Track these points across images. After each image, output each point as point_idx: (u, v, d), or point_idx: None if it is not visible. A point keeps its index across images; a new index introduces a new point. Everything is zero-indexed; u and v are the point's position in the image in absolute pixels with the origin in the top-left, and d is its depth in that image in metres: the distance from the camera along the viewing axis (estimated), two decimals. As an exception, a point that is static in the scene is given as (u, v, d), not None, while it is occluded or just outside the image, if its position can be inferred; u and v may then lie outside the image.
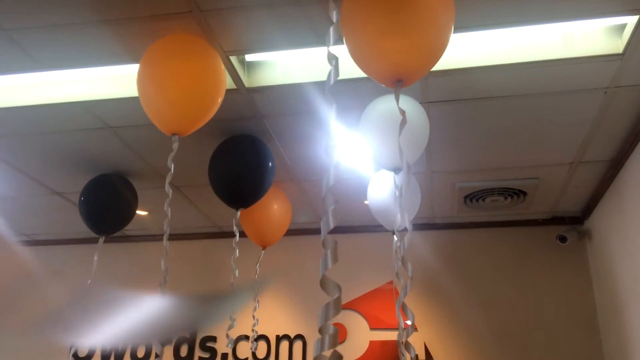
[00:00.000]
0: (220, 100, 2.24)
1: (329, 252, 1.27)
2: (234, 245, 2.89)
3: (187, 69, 2.11)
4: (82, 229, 3.50)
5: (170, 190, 2.13)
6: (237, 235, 2.90)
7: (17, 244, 0.86)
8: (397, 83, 1.73)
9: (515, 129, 2.89)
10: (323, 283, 1.26)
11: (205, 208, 4.07)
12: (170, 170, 2.12)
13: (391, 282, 4.10)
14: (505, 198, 3.67)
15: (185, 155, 3.24)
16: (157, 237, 4.62)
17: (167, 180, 2.10)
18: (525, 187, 3.53)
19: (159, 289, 2.19)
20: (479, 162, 3.28)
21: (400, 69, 1.72)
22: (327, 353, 1.21)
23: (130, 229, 4.13)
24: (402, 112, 1.72)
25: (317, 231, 4.36)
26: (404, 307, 1.68)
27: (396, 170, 2.37)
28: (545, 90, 2.56)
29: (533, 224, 4.10)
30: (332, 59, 1.48)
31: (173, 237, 4.57)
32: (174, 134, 2.11)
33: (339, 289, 1.26)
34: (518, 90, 2.57)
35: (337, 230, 4.40)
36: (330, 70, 1.49)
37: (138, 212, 4.10)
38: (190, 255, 4.55)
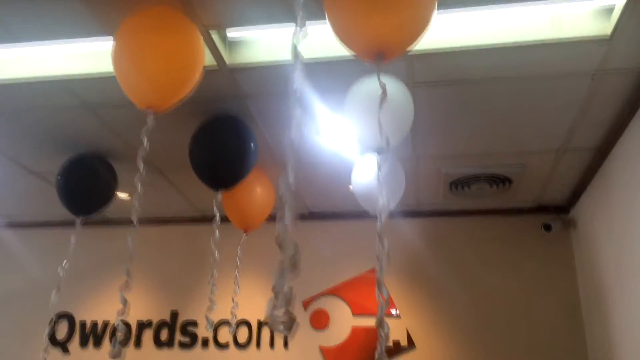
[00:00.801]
0: (198, 75, 2.18)
1: (287, 210, 1.20)
2: (214, 227, 2.83)
3: (162, 43, 2.03)
4: (62, 211, 3.43)
5: (143, 165, 2.06)
6: (218, 217, 2.84)
7: None
8: (378, 57, 1.68)
9: (502, 113, 2.85)
10: (280, 240, 1.20)
11: (188, 192, 4.01)
12: (143, 144, 2.05)
13: (374, 269, 4.06)
14: (491, 185, 3.64)
15: (166, 136, 3.18)
16: (140, 221, 4.56)
17: (140, 155, 2.03)
18: (511, 174, 3.50)
19: (126, 274, 2.10)
20: (465, 148, 3.24)
21: (382, 42, 1.66)
22: (280, 312, 1.17)
23: (111, 212, 4.06)
24: (383, 86, 1.66)
25: (301, 217, 4.36)
26: (379, 285, 1.63)
27: (380, 151, 2.33)
28: (532, 74, 2.52)
29: (518, 213, 4.08)
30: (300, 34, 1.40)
31: (155, 221, 4.55)
32: (148, 108, 2.04)
33: (297, 246, 1.21)
34: (505, 73, 2.52)
35: (321, 216, 4.39)
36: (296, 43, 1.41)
37: (119, 194, 4.03)
38: (173, 240, 4.50)
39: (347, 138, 3.13)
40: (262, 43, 2.48)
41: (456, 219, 4.17)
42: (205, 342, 4.13)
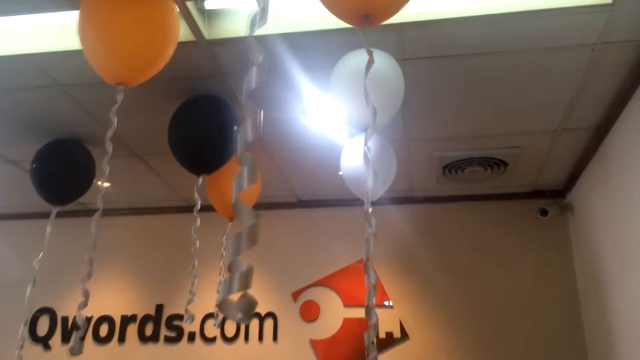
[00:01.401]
0: (171, 49, 2.02)
1: (245, 170, 1.05)
2: (194, 213, 2.68)
3: (131, 12, 1.88)
4: (41, 201, 3.27)
5: (111, 146, 1.91)
6: (199, 203, 2.69)
7: None
8: (364, 19, 1.53)
9: (496, 91, 2.72)
10: (236, 207, 1.05)
11: (171, 179, 3.85)
12: (113, 124, 1.90)
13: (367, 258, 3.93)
14: (486, 169, 3.51)
15: (145, 120, 3.03)
16: (122, 212, 4.41)
17: (108, 136, 1.88)
18: (506, 157, 3.37)
19: (87, 263, 1.95)
20: (458, 129, 3.11)
21: (368, 3, 1.52)
22: (236, 296, 1.00)
23: (92, 202, 3.90)
24: (370, 52, 1.52)
25: (290, 205, 4.22)
26: (366, 268, 1.49)
27: (368, 124, 2.19)
28: (527, 47, 2.38)
29: (514, 198, 3.96)
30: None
31: (138, 211, 4.39)
32: (118, 84, 1.89)
33: (257, 216, 1.05)
34: (499, 46, 2.38)
35: (310, 204, 4.24)
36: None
37: (99, 183, 3.87)
38: (157, 230, 4.34)
39: (335, 119, 2.99)
40: (242, 14, 2.33)
41: (450, 205, 4.04)
42: (191, 337, 3.99)
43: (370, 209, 1.52)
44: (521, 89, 2.69)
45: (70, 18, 2.30)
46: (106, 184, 3.89)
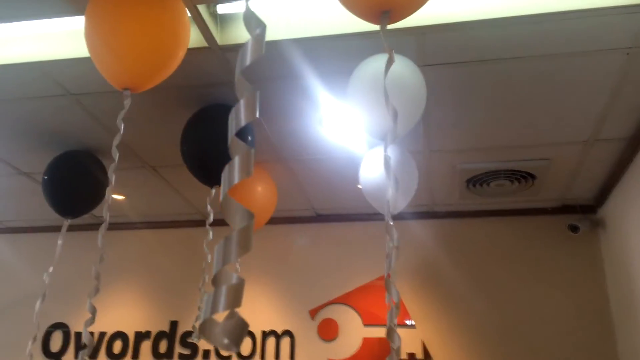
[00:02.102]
0: (181, 53, 1.94)
1: (236, 161, 0.92)
2: (207, 226, 2.58)
3: (138, 15, 1.80)
4: (54, 215, 3.20)
5: (117, 154, 1.82)
6: (212, 215, 2.58)
7: None
8: (383, 15, 1.42)
9: (523, 99, 2.57)
10: (225, 206, 0.91)
11: (186, 192, 3.77)
12: (119, 131, 1.81)
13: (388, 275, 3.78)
14: (512, 182, 3.35)
15: (158, 130, 2.96)
16: (137, 225, 4.34)
17: (115, 143, 1.79)
18: (534, 170, 3.21)
19: (94, 277, 1.85)
20: (483, 140, 2.97)
21: (387, -3, 1.41)
22: (222, 316, 0.84)
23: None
24: (390, 50, 1.41)
25: (308, 219, 4.10)
26: (388, 286, 1.35)
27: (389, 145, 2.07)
28: (557, 51, 2.24)
29: (542, 213, 3.78)
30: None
31: (153, 224, 4.31)
32: (125, 89, 1.81)
33: (250, 217, 0.90)
34: (526, 51, 2.25)
35: (329, 218, 4.10)
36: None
37: (114, 196, 3.81)
38: (172, 244, 4.25)
39: (354, 128, 2.87)
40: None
41: (474, 221, 3.88)
42: (206, 354, 3.87)
43: (392, 222, 1.39)
44: (550, 97, 2.55)
45: (79, 24, 2.23)
46: (120, 197, 3.83)
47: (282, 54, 2.30)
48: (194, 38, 2.20)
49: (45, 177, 2.98)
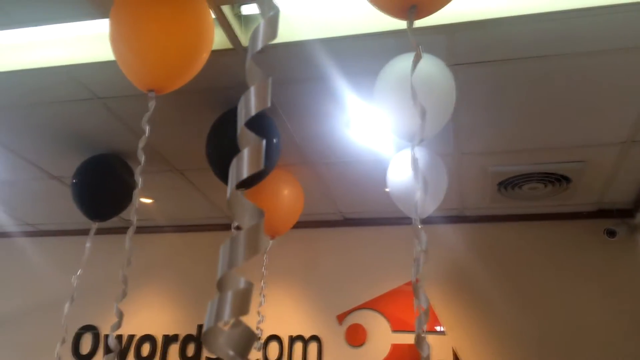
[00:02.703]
0: (205, 55, 1.92)
1: (245, 153, 0.84)
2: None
3: (163, 16, 1.79)
4: (84, 218, 3.23)
5: (144, 156, 1.81)
6: (237, 219, 2.56)
7: None
8: (410, 10, 1.37)
9: (558, 99, 2.48)
10: (231, 202, 0.82)
11: (214, 196, 3.77)
12: (145, 133, 1.80)
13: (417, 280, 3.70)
14: (546, 185, 3.24)
15: (184, 134, 2.95)
16: (165, 229, 4.36)
17: (140, 145, 1.78)
18: (569, 172, 3.10)
19: (122, 281, 1.84)
20: (516, 142, 2.87)
21: (414, -9, 1.36)
22: (227, 325, 0.76)
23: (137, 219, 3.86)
24: (417, 46, 1.36)
25: (335, 223, 4.05)
26: (416, 291, 1.29)
27: (417, 144, 2.01)
28: (594, 48, 2.15)
29: (577, 217, 3.65)
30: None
31: (181, 228, 4.32)
32: (150, 90, 1.79)
33: (260, 215, 0.81)
34: (562, 48, 2.16)
35: (356, 222, 4.04)
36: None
37: (142, 199, 3.83)
38: (200, 248, 4.25)
39: (381, 131, 2.82)
40: (281, 19, 2.20)
41: (506, 225, 3.77)
42: (233, 359, 3.84)
43: (420, 224, 1.33)
44: (586, 96, 2.45)
45: (104, 27, 2.24)
46: (148, 201, 3.84)
47: (307, 55, 2.26)
48: (219, 39, 2.19)
49: (74, 181, 3.01)
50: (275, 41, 2.25)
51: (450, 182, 2.93)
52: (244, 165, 0.78)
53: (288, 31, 2.20)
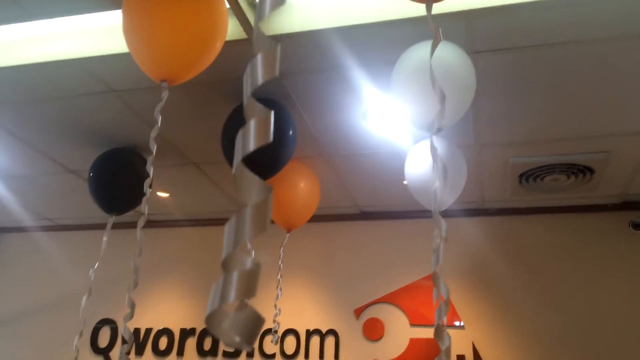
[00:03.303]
0: (219, 44, 1.89)
1: (252, 125, 0.79)
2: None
3: (175, 5, 1.76)
4: (101, 212, 3.23)
5: (155, 146, 1.78)
6: (253, 211, 2.54)
7: None
8: (429, -8, 1.32)
9: (582, 87, 2.40)
10: (236, 175, 0.77)
11: (229, 189, 3.74)
12: (157, 123, 1.78)
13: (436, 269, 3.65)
14: (569, 177, 3.16)
15: (199, 126, 2.93)
16: (181, 223, 4.36)
17: (152, 135, 1.76)
18: (593, 163, 3.01)
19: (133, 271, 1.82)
20: (537, 132, 2.80)
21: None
22: (232, 308, 0.71)
23: (151, 213, 3.87)
24: (436, 28, 1.31)
25: (352, 217, 4.01)
26: (436, 280, 1.25)
27: (436, 130, 1.96)
28: (619, 33, 2.07)
29: (601, 210, 3.56)
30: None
31: (198, 222, 4.31)
32: (162, 81, 1.77)
33: (268, 190, 0.75)
34: (587, 34, 2.09)
35: (373, 215, 3.98)
36: None
37: (158, 193, 3.83)
38: (217, 242, 4.19)
39: (399, 122, 2.77)
40: (295, 6, 2.17)
41: (527, 218, 3.69)
42: (250, 353, 3.83)
43: (439, 210, 1.29)
44: (611, 84, 2.37)
45: (118, 19, 2.22)
46: (164, 195, 3.84)
47: (323, 45, 2.22)
48: (233, 30, 2.15)
49: (91, 174, 3.01)
50: (290, 31, 2.23)
51: (470, 174, 2.86)
52: (250, 137, 0.73)
53: (303, 20, 2.16)
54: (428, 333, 3.56)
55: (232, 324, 0.66)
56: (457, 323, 3.54)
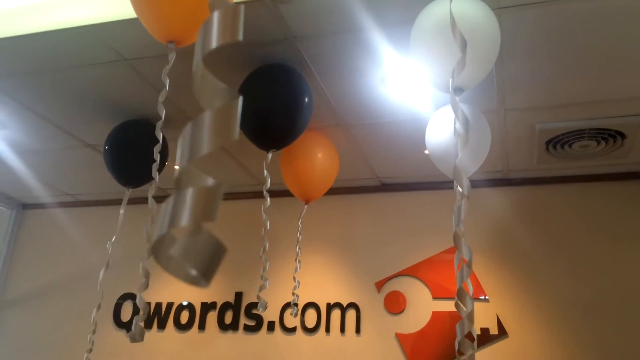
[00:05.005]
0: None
1: (214, 19, 0.72)
2: (264, 192, 2.47)
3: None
4: (120, 187, 3.20)
5: (164, 110, 1.72)
6: (268, 180, 2.49)
7: None
8: None
9: (614, 44, 2.26)
10: (197, 82, 0.70)
11: (247, 162, 3.69)
12: (165, 87, 1.71)
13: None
14: (599, 142, 3.02)
15: (214, 95, 2.86)
16: (200, 197, 4.33)
17: (160, 99, 1.70)
18: (625, 127, 2.87)
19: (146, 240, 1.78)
20: (566, 95, 2.66)
21: None
22: (183, 232, 0.61)
23: (168, 187, 3.84)
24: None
25: (373, 189, 3.91)
26: (457, 242, 1.17)
27: (456, 90, 1.86)
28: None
29: (633, 177, 3.41)
30: None
31: (216, 196, 4.28)
32: (169, 42, 1.70)
33: (235, 95, 0.69)
34: (621, -16, 1.95)
35: (394, 187, 3.88)
36: None
37: (176, 167, 3.79)
38: (235, 216, 4.20)
39: (419, 87, 2.66)
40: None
41: (554, 187, 3.56)
42: (271, 326, 3.81)
43: (461, 167, 1.20)
44: (646, 40, 2.22)
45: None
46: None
47: (337, 4, 2.11)
48: (244, -10, 2.06)
49: (106, 147, 2.98)
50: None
51: (494, 142, 2.74)
52: (213, 32, 0.62)
53: (317, -22, 2.06)
54: (451, 306, 3.48)
55: (184, 253, 0.55)
56: (481, 297, 3.46)
